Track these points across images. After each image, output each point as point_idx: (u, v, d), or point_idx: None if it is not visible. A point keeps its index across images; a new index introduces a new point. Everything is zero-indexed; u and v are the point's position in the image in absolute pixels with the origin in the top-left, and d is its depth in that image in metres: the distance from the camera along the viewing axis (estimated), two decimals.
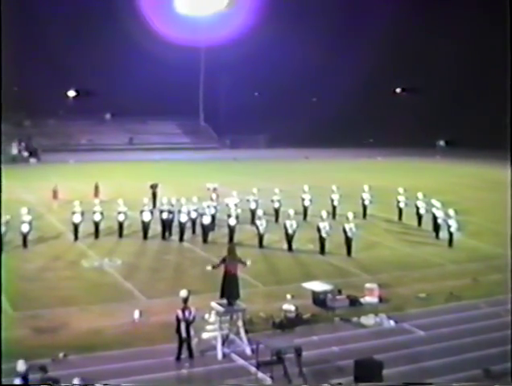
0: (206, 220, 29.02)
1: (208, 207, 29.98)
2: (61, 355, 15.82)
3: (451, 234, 28.51)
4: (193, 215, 29.65)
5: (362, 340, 17.47)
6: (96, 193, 37.88)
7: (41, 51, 73.15)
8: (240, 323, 16.95)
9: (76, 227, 28.78)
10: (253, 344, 16.20)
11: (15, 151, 67.88)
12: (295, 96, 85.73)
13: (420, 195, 33.02)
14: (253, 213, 31.67)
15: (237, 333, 16.93)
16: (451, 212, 28.89)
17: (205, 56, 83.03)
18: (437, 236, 29.99)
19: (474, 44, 76.47)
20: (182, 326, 16.08)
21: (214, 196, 33.45)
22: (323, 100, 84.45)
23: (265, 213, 29.80)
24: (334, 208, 34.00)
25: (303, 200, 34.03)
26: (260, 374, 15.13)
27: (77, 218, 28.77)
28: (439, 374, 15.24)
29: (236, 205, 30.75)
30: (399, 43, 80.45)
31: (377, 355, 15.25)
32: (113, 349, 16.48)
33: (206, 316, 17.50)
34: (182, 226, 29.02)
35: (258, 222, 28.40)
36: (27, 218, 27.44)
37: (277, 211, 32.83)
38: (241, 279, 17.63)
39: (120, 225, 29.51)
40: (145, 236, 29.27)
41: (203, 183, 38.61)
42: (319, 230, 26.90)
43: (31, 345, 16.37)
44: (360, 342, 17.32)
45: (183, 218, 29.06)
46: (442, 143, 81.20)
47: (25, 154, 67.84)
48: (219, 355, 16.32)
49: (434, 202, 31.25)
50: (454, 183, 49.26)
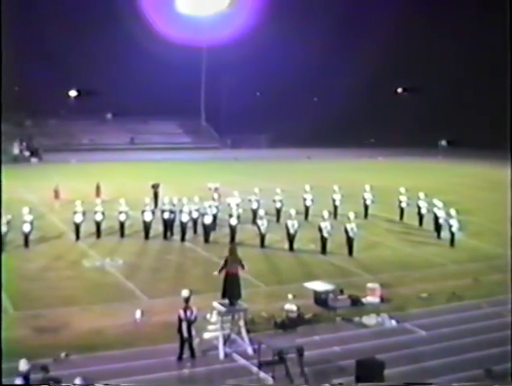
0: (207, 220, 29.03)
1: (209, 207, 29.98)
2: (63, 355, 15.83)
3: (452, 234, 28.50)
4: (195, 214, 29.65)
5: (364, 340, 17.47)
6: (97, 193, 37.85)
7: (42, 51, 73.18)
8: (241, 323, 16.95)
9: (78, 226, 28.79)
10: (254, 344, 16.20)
11: (17, 151, 67.87)
12: (297, 96, 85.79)
13: (422, 195, 33.03)
14: (254, 213, 31.66)
15: (239, 333, 16.93)
16: (452, 212, 28.89)
17: (207, 56, 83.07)
18: (439, 236, 29.98)
19: (475, 44, 76.47)
20: (183, 326, 16.08)
21: (215, 196, 33.46)
22: (324, 100, 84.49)
23: (266, 213, 29.77)
24: (335, 208, 33.97)
25: (305, 200, 34.04)
26: (262, 374, 15.12)
27: (79, 218, 28.78)
28: (440, 374, 15.24)
29: (237, 205, 30.77)
30: (400, 43, 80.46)
31: (378, 355, 15.25)
32: (114, 349, 16.48)
33: (208, 316, 17.52)
34: (183, 226, 29.02)
35: (260, 222, 28.39)
36: (29, 218, 27.43)
37: (278, 211, 32.83)
38: (242, 279, 17.62)
39: (121, 225, 29.52)
40: (146, 236, 29.28)
41: (204, 183, 38.65)
42: (320, 230, 26.89)
43: (33, 345, 16.38)
44: (361, 342, 17.32)
45: (184, 218, 29.06)
46: (444, 143, 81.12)
47: (26, 154, 67.83)
48: (221, 355, 16.32)
49: (435, 202, 31.23)
50: (455, 183, 49.24)
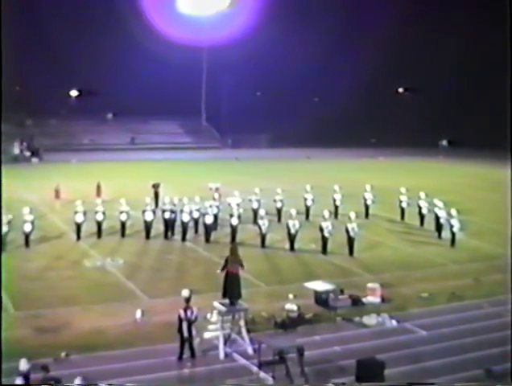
0: (208, 220, 29.03)
1: (210, 207, 29.99)
2: (63, 355, 15.84)
3: (453, 234, 28.50)
4: (195, 214, 29.65)
5: (364, 340, 17.47)
6: (98, 193, 37.85)
7: (43, 51, 73.14)
8: (242, 323, 16.95)
9: (79, 226, 28.80)
10: (255, 344, 16.20)
11: (17, 151, 67.77)
12: (297, 96, 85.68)
13: (422, 195, 33.02)
14: (255, 213, 31.68)
15: (239, 332, 16.93)
16: (453, 212, 28.90)
17: (207, 56, 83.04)
18: (439, 236, 29.98)
19: (476, 44, 76.36)
20: (184, 326, 16.09)
21: (216, 196, 33.48)
22: (325, 100, 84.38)
23: (267, 213, 29.79)
24: (336, 208, 33.95)
25: (306, 200, 34.04)
26: (262, 374, 15.12)
27: (79, 217, 28.78)
28: (440, 374, 15.24)
29: (238, 205, 30.78)
30: (401, 43, 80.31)
31: (379, 355, 15.26)
32: (115, 349, 16.49)
33: (208, 316, 17.53)
34: (184, 225, 29.02)
35: (261, 222, 28.39)
36: (29, 217, 27.43)
37: (279, 211, 32.84)
38: (243, 279, 17.63)
39: (122, 225, 29.53)
40: (147, 236, 29.30)
41: (205, 183, 38.65)
42: (321, 230, 26.91)
43: (33, 344, 16.39)
44: (362, 341, 17.33)
45: (185, 217, 29.06)
46: (445, 143, 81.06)
47: (27, 154, 67.73)
48: (221, 355, 16.33)
49: (436, 202, 31.22)
50: (456, 183, 49.22)
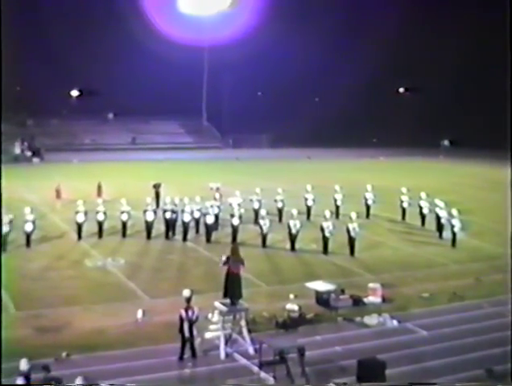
0: (209, 220, 29.03)
1: (211, 207, 29.99)
2: (64, 355, 15.84)
3: (454, 234, 28.48)
4: (196, 214, 29.64)
5: (365, 340, 17.47)
6: (99, 193, 37.85)
7: (44, 51, 73.17)
8: (243, 323, 16.96)
9: (80, 226, 28.81)
10: (256, 344, 16.20)
11: (18, 151, 67.82)
12: (298, 96, 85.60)
13: (423, 195, 33.00)
14: (256, 213, 31.67)
15: (240, 332, 16.93)
16: (454, 212, 28.88)
17: (208, 56, 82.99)
18: (440, 236, 29.97)
19: (476, 44, 76.30)
20: (185, 326, 16.09)
21: (217, 196, 33.47)
22: (325, 100, 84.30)
23: (268, 213, 29.80)
24: (337, 208, 33.93)
25: (306, 200, 34.02)
26: (263, 374, 15.13)
27: (81, 217, 28.79)
28: (441, 374, 15.24)
29: (239, 205, 30.77)
30: (402, 43, 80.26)
31: (380, 355, 15.27)
32: (116, 349, 16.50)
33: (209, 316, 17.51)
34: (185, 225, 29.01)
35: (262, 221, 28.40)
36: (30, 217, 27.43)
37: (280, 211, 32.83)
38: (244, 279, 17.63)
39: (123, 225, 29.53)
40: (148, 236, 29.30)
41: (206, 183, 38.69)
42: (322, 230, 26.90)
43: (34, 344, 16.39)
44: (363, 341, 17.33)
45: (186, 217, 29.04)
46: (446, 143, 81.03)
47: (28, 154, 67.77)
48: (222, 355, 16.33)
49: (437, 202, 31.20)
50: (457, 183, 49.18)
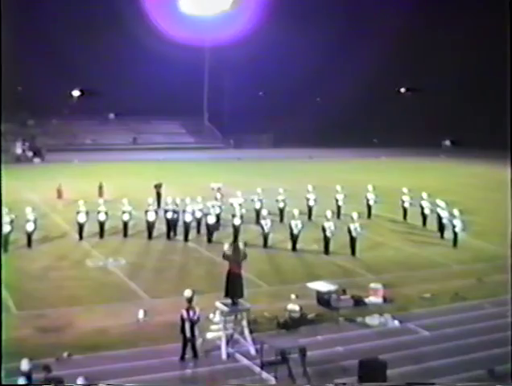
0: (211, 220, 29.01)
1: (212, 207, 29.99)
2: (65, 355, 15.83)
3: (455, 234, 28.46)
4: (198, 214, 29.62)
5: (367, 340, 17.46)
6: (100, 193, 37.89)
7: (45, 51, 73.13)
8: (244, 323, 16.95)
9: (81, 226, 28.80)
10: (257, 344, 16.18)
11: (19, 151, 67.81)
12: (300, 96, 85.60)
13: (425, 195, 32.99)
14: (257, 213, 31.66)
15: (242, 333, 16.92)
16: (455, 212, 28.85)
17: (210, 56, 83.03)
18: (442, 236, 29.96)
19: (477, 44, 76.22)
20: (186, 326, 16.08)
21: (218, 196, 33.47)
22: (327, 100, 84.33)
23: (269, 213, 29.80)
24: (339, 208, 33.94)
25: (308, 200, 33.99)
26: (264, 374, 15.12)
27: (82, 217, 28.80)
28: (443, 374, 15.22)
29: (240, 205, 30.75)
30: (404, 43, 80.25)
31: (381, 355, 15.25)
32: (117, 349, 16.49)
33: (211, 316, 17.51)
34: (187, 226, 29.02)
35: (263, 222, 28.39)
36: (32, 217, 27.42)
37: (281, 211, 32.81)
38: (245, 279, 17.62)
39: (125, 225, 29.52)
40: (149, 236, 29.29)
41: (207, 183, 38.65)
42: (324, 230, 26.88)
43: (35, 344, 16.39)
44: (364, 342, 17.32)
45: (187, 218, 29.04)
46: (448, 143, 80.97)
47: (29, 154, 67.71)
48: (223, 355, 16.32)
49: (438, 202, 31.19)
50: (458, 183, 49.16)
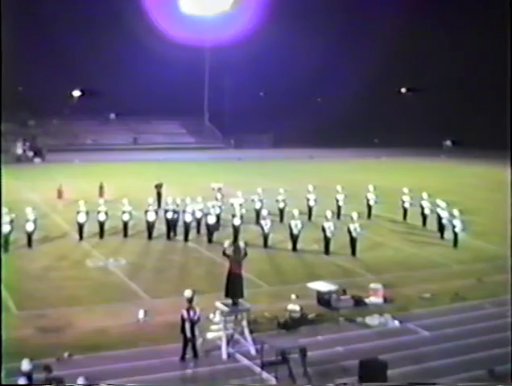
0: (211, 220, 29.01)
1: (212, 207, 29.99)
2: (66, 355, 15.83)
3: (455, 234, 28.46)
4: (198, 214, 29.63)
5: (367, 340, 17.47)
6: (100, 193, 37.90)
7: (46, 51, 73.19)
8: (244, 323, 16.95)
9: (81, 226, 28.79)
10: (257, 344, 16.18)
11: (20, 151, 67.82)
12: (300, 96, 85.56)
13: (425, 195, 32.98)
14: (257, 213, 31.66)
15: (242, 333, 16.93)
16: (455, 212, 28.85)
17: (210, 56, 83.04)
18: (442, 237, 29.96)
19: (478, 44, 76.23)
20: (187, 326, 16.08)
21: (219, 196, 33.46)
22: (327, 100, 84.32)
23: (270, 213, 29.79)
24: (339, 208, 33.94)
25: (308, 200, 33.99)
26: (264, 374, 15.13)
27: (82, 217, 28.79)
28: (443, 374, 15.22)
29: (241, 205, 30.74)
30: (404, 43, 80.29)
31: (381, 356, 15.26)
32: (117, 349, 16.49)
33: (211, 316, 17.51)
34: (187, 226, 29.02)
35: (263, 222, 28.38)
36: (32, 217, 27.42)
37: (282, 211, 32.81)
38: (245, 279, 17.62)
39: (125, 225, 29.52)
40: (150, 236, 29.29)
41: (207, 183, 38.66)
42: (324, 230, 26.88)
43: (36, 344, 16.39)
44: (364, 342, 17.32)
45: (188, 218, 29.05)
46: (448, 143, 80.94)
47: (29, 154, 67.73)
48: (224, 355, 16.32)
49: (439, 202, 31.18)
50: (459, 183, 49.16)
